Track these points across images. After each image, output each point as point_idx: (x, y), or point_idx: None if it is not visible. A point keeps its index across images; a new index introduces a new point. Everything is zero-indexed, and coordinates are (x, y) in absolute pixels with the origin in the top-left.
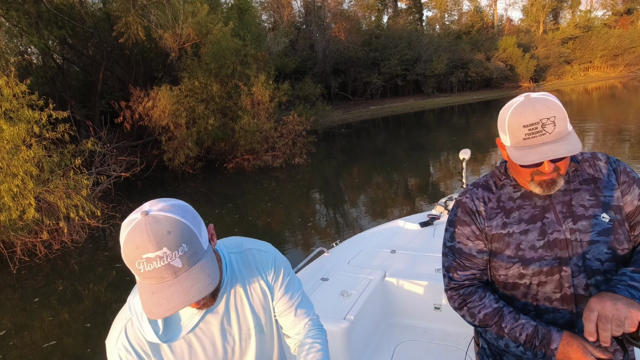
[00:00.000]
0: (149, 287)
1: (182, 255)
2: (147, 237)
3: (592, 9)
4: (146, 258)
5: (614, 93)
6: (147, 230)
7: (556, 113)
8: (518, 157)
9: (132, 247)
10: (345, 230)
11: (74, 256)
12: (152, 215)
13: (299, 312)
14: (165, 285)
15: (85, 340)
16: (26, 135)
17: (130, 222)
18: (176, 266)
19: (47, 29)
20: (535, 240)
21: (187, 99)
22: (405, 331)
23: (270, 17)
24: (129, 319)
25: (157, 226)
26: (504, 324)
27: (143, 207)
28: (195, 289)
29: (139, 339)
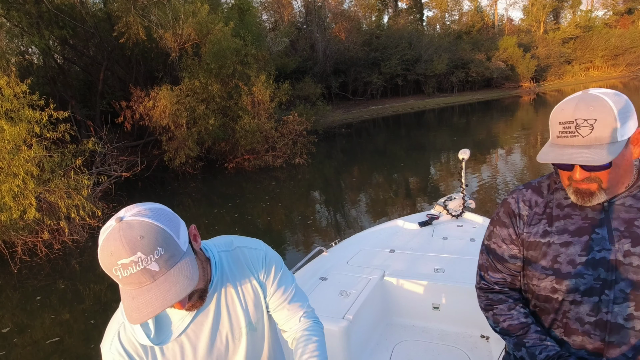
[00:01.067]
0: (129, 292)
1: (159, 258)
2: (120, 243)
3: (592, 8)
4: (121, 264)
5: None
6: (120, 236)
7: (600, 116)
8: (541, 154)
9: (106, 254)
10: (344, 230)
11: (75, 256)
12: (126, 221)
13: (292, 306)
14: (144, 290)
15: (87, 340)
16: (27, 135)
17: (105, 229)
18: (153, 270)
19: (47, 29)
20: (577, 255)
21: (188, 99)
22: (404, 331)
23: (271, 17)
24: (122, 324)
25: (130, 231)
26: (527, 339)
27: (119, 213)
28: (172, 292)
29: (132, 343)
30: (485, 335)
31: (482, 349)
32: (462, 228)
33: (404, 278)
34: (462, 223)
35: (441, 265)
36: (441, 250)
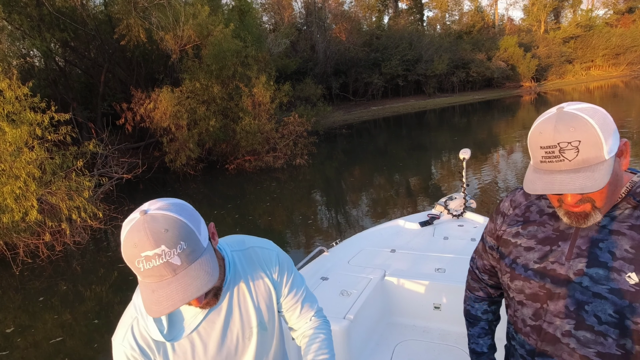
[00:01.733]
0: (149, 285)
1: (181, 252)
2: (145, 236)
3: (593, 8)
4: (145, 256)
5: (615, 92)
6: (145, 228)
7: (583, 136)
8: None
9: (130, 245)
10: (345, 230)
11: (76, 257)
12: (150, 214)
13: (305, 307)
14: (164, 283)
15: (88, 340)
16: (28, 138)
17: (129, 221)
18: (175, 264)
19: (49, 31)
20: (531, 261)
21: (188, 100)
22: (405, 330)
23: (271, 19)
24: (135, 318)
25: (155, 224)
26: (471, 330)
27: (142, 206)
28: (193, 286)
29: (145, 338)
30: None
31: None
32: (463, 228)
33: (405, 278)
34: (463, 223)
35: (442, 265)
36: (442, 250)
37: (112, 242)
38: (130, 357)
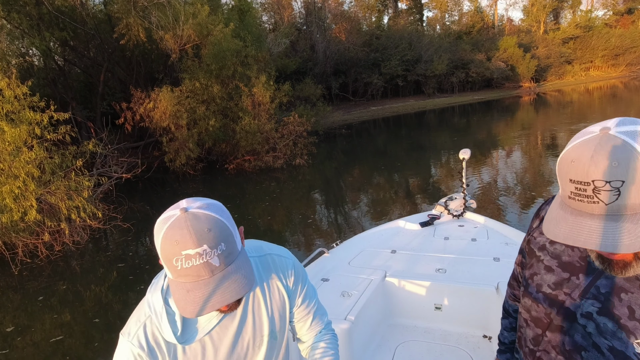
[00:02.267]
0: (183, 285)
1: (220, 254)
2: (187, 233)
3: (592, 8)
4: (185, 255)
5: (615, 93)
6: (187, 226)
7: (629, 176)
8: (549, 220)
9: (171, 242)
10: (345, 230)
11: (75, 257)
12: (192, 212)
13: (315, 320)
14: (201, 284)
15: (88, 341)
16: (27, 137)
17: (168, 218)
18: (214, 265)
19: (48, 30)
20: (546, 284)
21: (188, 100)
22: (406, 331)
23: (271, 18)
24: (149, 316)
25: (198, 223)
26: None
27: (179, 204)
28: (231, 289)
29: (156, 337)
30: (487, 336)
31: (485, 349)
32: (464, 228)
33: (406, 278)
34: (463, 223)
35: (443, 265)
36: (443, 251)
37: (112, 242)
38: (135, 355)
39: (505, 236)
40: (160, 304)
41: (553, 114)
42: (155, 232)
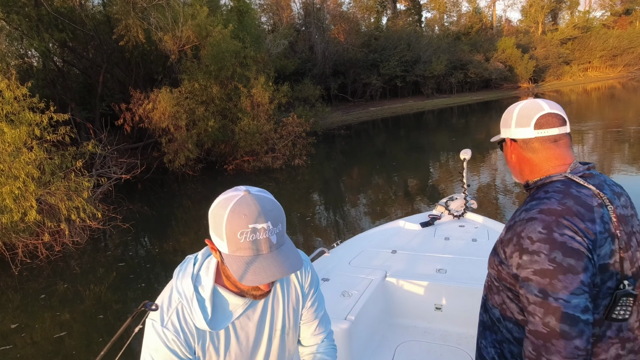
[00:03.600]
0: (241, 258)
1: (278, 233)
2: (256, 210)
3: (590, 9)
4: (252, 228)
5: (613, 93)
6: (254, 203)
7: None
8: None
9: (239, 215)
10: (344, 231)
11: (75, 258)
12: (256, 194)
13: (320, 326)
14: (261, 258)
15: (88, 341)
16: (27, 138)
17: (232, 197)
18: (272, 241)
19: (47, 32)
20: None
21: (187, 101)
22: (406, 331)
23: (270, 19)
24: (180, 302)
25: (263, 202)
26: None
27: (238, 187)
28: (288, 263)
29: (189, 324)
30: None
31: None
32: (464, 228)
33: (406, 279)
34: (463, 223)
35: (443, 265)
36: (443, 251)
37: (111, 243)
38: (170, 342)
39: None
40: (191, 291)
41: None
42: (217, 209)
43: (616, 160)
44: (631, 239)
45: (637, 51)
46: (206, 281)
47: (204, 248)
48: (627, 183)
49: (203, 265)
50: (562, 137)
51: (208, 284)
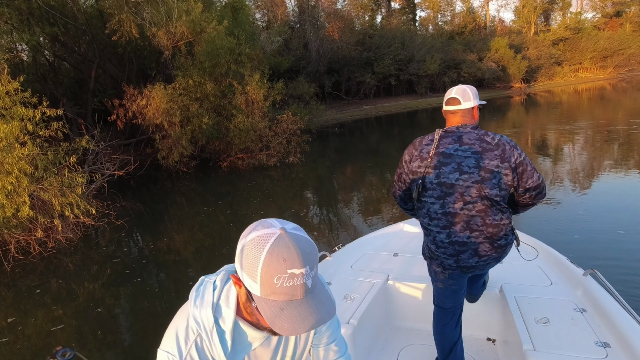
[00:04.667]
0: (275, 303)
1: (314, 276)
2: (295, 253)
3: (582, 11)
4: (290, 273)
5: (603, 94)
6: (294, 246)
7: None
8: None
9: (278, 259)
10: (341, 230)
11: (68, 254)
12: (292, 233)
13: (335, 349)
14: (295, 303)
15: (81, 339)
16: (19, 133)
17: (268, 235)
18: (308, 286)
19: (38, 25)
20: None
21: (181, 97)
22: (410, 335)
23: (264, 16)
24: (198, 334)
25: (301, 244)
26: None
27: (272, 222)
28: (324, 310)
29: (207, 357)
30: (491, 338)
31: (489, 351)
32: None
33: (408, 282)
34: None
35: None
36: None
37: (105, 239)
38: None
39: None
40: (211, 322)
41: (543, 114)
42: (251, 248)
43: (605, 159)
44: (443, 165)
45: (627, 53)
46: (227, 313)
47: (222, 272)
48: (615, 182)
49: (223, 294)
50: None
51: (229, 316)
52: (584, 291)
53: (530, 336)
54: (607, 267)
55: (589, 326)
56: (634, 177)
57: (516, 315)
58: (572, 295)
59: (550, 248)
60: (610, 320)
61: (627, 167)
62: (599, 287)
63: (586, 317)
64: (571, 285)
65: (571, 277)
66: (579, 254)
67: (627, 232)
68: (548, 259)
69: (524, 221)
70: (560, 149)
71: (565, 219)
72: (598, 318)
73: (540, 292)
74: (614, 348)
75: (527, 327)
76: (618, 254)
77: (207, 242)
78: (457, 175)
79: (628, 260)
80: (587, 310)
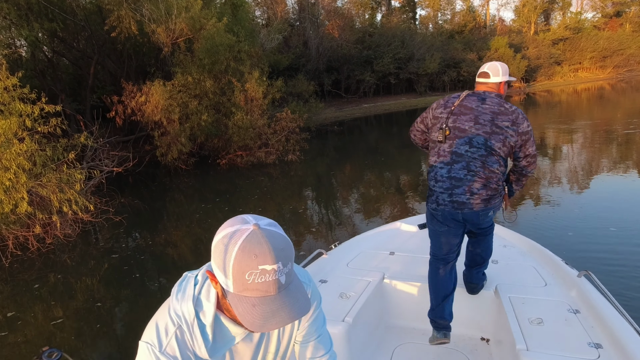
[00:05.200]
0: (247, 299)
1: (287, 272)
2: (267, 249)
3: (582, 10)
4: (261, 269)
5: (602, 94)
6: (266, 242)
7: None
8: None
9: (249, 255)
10: (339, 228)
11: (67, 250)
12: (265, 229)
13: (318, 346)
14: (267, 300)
15: (79, 333)
16: (18, 129)
17: (241, 231)
18: (281, 282)
19: (37, 21)
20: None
21: (180, 94)
22: (404, 333)
23: (264, 13)
24: (179, 326)
25: (274, 240)
26: None
27: (246, 218)
28: (297, 307)
29: (188, 349)
30: (485, 338)
31: (482, 351)
32: None
33: (404, 280)
34: None
35: None
36: None
37: (104, 235)
38: None
39: (503, 238)
40: (192, 315)
41: (542, 113)
42: (223, 244)
43: (602, 159)
44: (462, 114)
45: (627, 53)
46: (207, 307)
47: (204, 268)
48: (612, 181)
49: (204, 289)
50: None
51: (209, 310)
52: (578, 292)
53: (524, 336)
54: (601, 267)
55: (582, 327)
56: (631, 176)
57: (510, 316)
58: (566, 296)
59: (545, 249)
60: (603, 322)
61: (625, 166)
62: (593, 289)
63: (579, 318)
64: (565, 286)
65: (565, 278)
66: (573, 254)
67: (619, 230)
68: (543, 260)
69: (523, 221)
70: (558, 148)
71: (560, 218)
72: (591, 319)
73: (535, 292)
74: (606, 349)
75: (520, 327)
76: (612, 254)
77: (204, 238)
78: (471, 124)
79: (622, 261)
80: (580, 311)
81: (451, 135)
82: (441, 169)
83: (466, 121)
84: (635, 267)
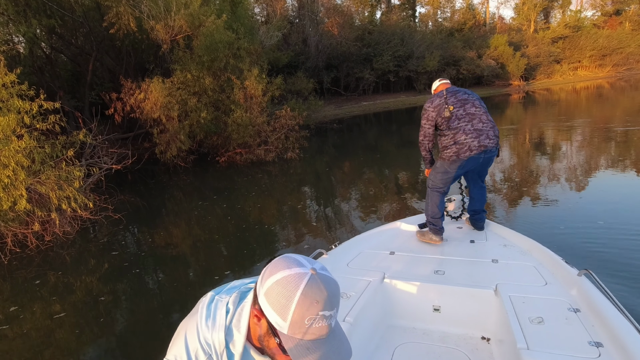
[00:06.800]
0: (301, 342)
1: (336, 317)
2: (327, 296)
3: (582, 9)
4: (321, 315)
5: (601, 93)
6: (324, 288)
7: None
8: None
9: (311, 301)
10: (339, 226)
11: (65, 248)
12: (324, 275)
13: None
14: (318, 342)
15: (79, 331)
16: (16, 126)
17: (300, 275)
18: (332, 326)
19: (35, 17)
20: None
21: (180, 91)
22: (405, 333)
23: (263, 10)
24: (209, 356)
25: (331, 287)
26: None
27: (300, 261)
28: (344, 349)
29: None
30: (486, 337)
31: (483, 350)
32: (462, 230)
33: (404, 280)
34: (461, 225)
35: (441, 267)
36: (441, 252)
37: (103, 233)
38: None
39: (503, 238)
40: (223, 346)
41: (541, 111)
42: (284, 287)
43: (601, 156)
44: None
45: (626, 52)
46: (238, 338)
47: (234, 295)
48: (611, 179)
49: (234, 318)
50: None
51: (240, 341)
52: (578, 291)
53: (525, 335)
54: (602, 266)
55: (582, 326)
56: (632, 174)
57: (511, 315)
58: (567, 295)
59: (546, 248)
60: (604, 320)
61: (626, 164)
62: (593, 288)
63: (580, 317)
64: (566, 285)
65: (566, 277)
66: (573, 253)
67: (620, 229)
68: (543, 259)
69: (521, 221)
70: (557, 147)
71: (560, 216)
72: (592, 318)
73: (535, 291)
74: (606, 348)
75: (521, 327)
76: (613, 253)
77: (204, 235)
78: (466, 96)
79: (623, 259)
80: (581, 310)
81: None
82: (465, 125)
83: (470, 108)
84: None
